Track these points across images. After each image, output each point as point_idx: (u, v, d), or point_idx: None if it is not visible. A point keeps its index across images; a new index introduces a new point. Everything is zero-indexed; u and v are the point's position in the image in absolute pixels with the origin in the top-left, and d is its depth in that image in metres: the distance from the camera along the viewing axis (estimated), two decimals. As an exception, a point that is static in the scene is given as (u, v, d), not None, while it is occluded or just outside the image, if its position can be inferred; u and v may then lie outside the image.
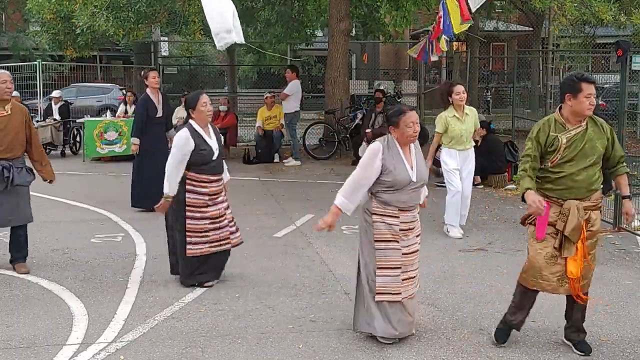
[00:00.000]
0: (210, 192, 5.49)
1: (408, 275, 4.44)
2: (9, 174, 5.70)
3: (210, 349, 4.38)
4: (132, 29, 13.40)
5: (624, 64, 7.51)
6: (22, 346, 4.41)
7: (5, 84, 5.74)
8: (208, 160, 5.43)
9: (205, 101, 5.43)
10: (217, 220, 5.53)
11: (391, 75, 26.53)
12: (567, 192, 4.12)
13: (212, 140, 5.50)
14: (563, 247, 4.13)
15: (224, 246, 5.59)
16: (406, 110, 4.46)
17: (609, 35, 20.71)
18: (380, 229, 4.39)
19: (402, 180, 4.35)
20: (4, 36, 27.87)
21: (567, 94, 4.10)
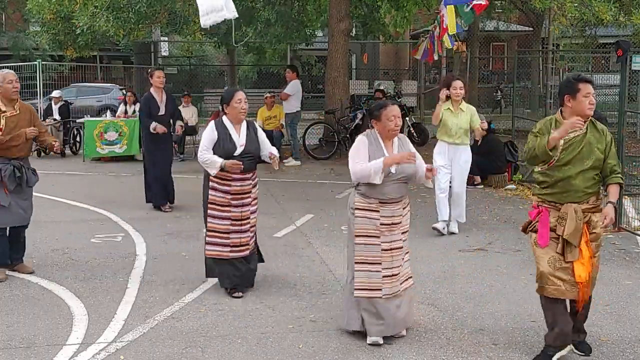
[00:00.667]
0: (233, 191, 5.28)
1: (391, 272, 4.45)
2: (20, 174, 5.67)
3: (210, 349, 4.38)
4: (133, 29, 13.41)
5: (624, 64, 7.51)
6: (22, 346, 4.41)
7: (12, 83, 5.71)
8: (229, 155, 5.22)
9: (240, 98, 5.29)
10: (238, 223, 5.32)
11: (391, 75, 26.54)
12: (565, 195, 4.11)
13: (239, 137, 5.30)
14: (566, 251, 4.11)
15: (244, 252, 5.38)
16: (388, 104, 4.54)
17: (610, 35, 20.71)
18: (361, 224, 4.45)
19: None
20: (4, 36, 27.87)
21: (566, 96, 4.10)
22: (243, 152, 5.28)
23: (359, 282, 4.43)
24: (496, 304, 5.21)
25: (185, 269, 6.12)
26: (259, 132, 5.49)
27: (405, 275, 4.60)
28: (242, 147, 5.28)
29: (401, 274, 4.54)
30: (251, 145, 5.34)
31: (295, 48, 19.00)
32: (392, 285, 4.46)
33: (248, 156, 5.31)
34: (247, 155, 5.30)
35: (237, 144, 5.27)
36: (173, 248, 6.87)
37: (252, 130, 5.43)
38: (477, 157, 10.56)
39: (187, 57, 23.36)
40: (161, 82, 8.61)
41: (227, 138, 5.27)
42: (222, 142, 5.25)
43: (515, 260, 6.46)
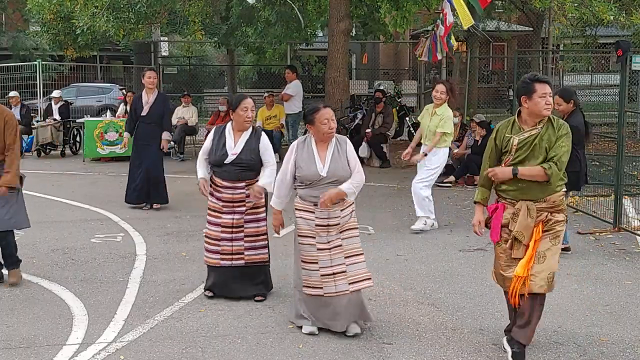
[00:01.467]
0: (224, 198, 5.19)
1: (332, 271, 4.48)
2: None
3: (210, 349, 4.38)
4: (133, 30, 13.41)
5: (624, 64, 7.50)
6: (22, 346, 4.41)
7: None
8: (220, 163, 5.18)
9: (246, 106, 5.17)
10: (229, 230, 5.21)
11: (391, 75, 26.54)
12: (520, 193, 4.15)
13: (235, 146, 5.18)
14: (514, 247, 4.16)
15: (235, 261, 5.22)
16: (320, 108, 4.58)
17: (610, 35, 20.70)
18: (300, 224, 4.59)
19: (310, 175, 4.51)
20: (4, 36, 27.86)
21: (523, 97, 4.12)
22: (234, 160, 5.16)
23: (305, 280, 4.57)
24: (496, 304, 5.21)
25: (185, 269, 6.12)
26: (262, 144, 5.26)
27: (356, 276, 4.55)
28: (234, 156, 5.16)
29: (348, 272, 4.52)
30: (246, 155, 5.18)
31: (295, 48, 18.99)
32: (336, 284, 4.48)
33: (240, 165, 5.17)
34: (240, 164, 5.16)
35: (229, 152, 5.16)
36: (173, 248, 6.87)
37: (256, 139, 5.26)
38: (477, 157, 10.59)
39: (187, 57, 23.33)
40: (151, 83, 8.59)
41: (221, 145, 5.20)
42: (215, 149, 5.22)
43: (515, 260, 6.45)
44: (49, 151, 14.34)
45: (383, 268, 6.17)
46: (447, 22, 9.85)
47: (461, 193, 9.87)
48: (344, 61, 13.82)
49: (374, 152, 12.67)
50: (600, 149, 12.98)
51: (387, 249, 6.81)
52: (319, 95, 19.62)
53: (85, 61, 19.19)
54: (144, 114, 8.60)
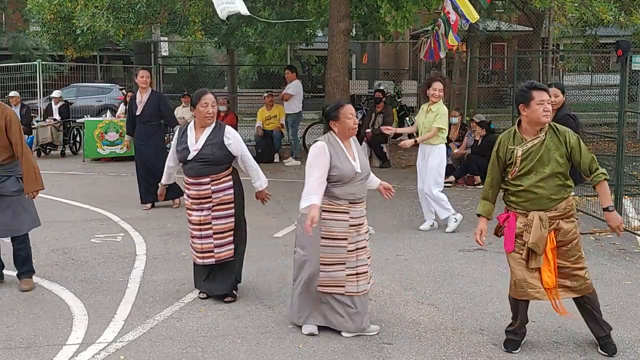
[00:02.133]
0: (191, 195, 5.18)
1: (356, 271, 4.52)
2: None
3: (210, 349, 4.38)
4: (133, 30, 13.41)
5: (624, 64, 7.51)
6: (22, 346, 4.41)
7: None
8: (184, 160, 5.18)
9: (206, 101, 5.12)
10: (197, 227, 5.17)
11: (391, 75, 26.54)
12: (529, 204, 4.13)
13: (197, 142, 5.14)
14: (530, 257, 4.14)
15: (206, 259, 5.19)
16: (344, 104, 4.61)
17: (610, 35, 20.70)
18: (330, 226, 4.47)
19: (348, 173, 4.47)
20: (4, 36, 27.88)
21: (521, 105, 4.10)
22: (196, 156, 5.12)
23: (323, 281, 4.51)
24: (496, 304, 5.21)
25: (185, 269, 6.12)
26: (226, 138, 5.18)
27: (369, 275, 4.66)
28: (196, 152, 5.13)
29: (367, 273, 4.61)
30: (207, 149, 5.11)
31: (295, 48, 18.99)
32: (358, 283, 4.52)
33: (202, 161, 5.11)
34: (202, 159, 5.10)
35: (190, 149, 5.15)
36: (173, 248, 6.87)
37: (218, 133, 5.18)
38: (477, 157, 10.61)
39: (187, 57, 23.33)
40: (144, 82, 8.63)
41: (184, 142, 5.20)
42: (179, 147, 5.23)
43: (515, 260, 6.45)
44: (49, 151, 14.35)
45: (383, 268, 6.17)
46: (450, 20, 9.82)
47: (461, 193, 9.87)
48: (344, 61, 13.80)
49: (374, 152, 12.67)
50: (600, 149, 12.98)
51: (387, 249, 6.81)
52: (319, 95, 19.62)
53: (85, 61, 19.20)
54: (138, 114, 8.66)
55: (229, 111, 14.09)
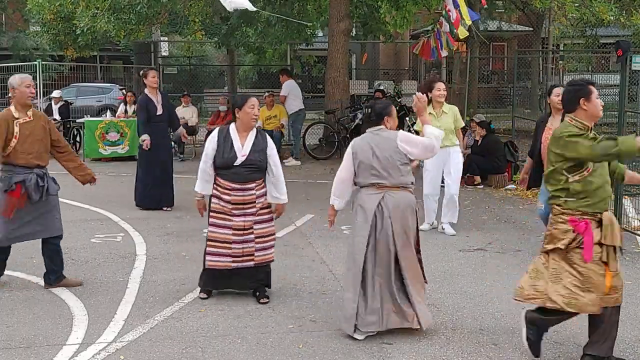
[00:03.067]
0: (234, 200, 5.06)
1: None
2: (44, 183, 5.36)
3: (210, 349, 4.38)
4: (133, 30, 13.41)
5: (624, 64, 7.50)
6: (22, 346, 4.41)
7: (29, 88, 5.41)
8: (229, 165, 5.04)
9: (253, 104, 5.09)
10: (240, 233, 5.10)
11: (391, 75, 26.55)
12: (603, 203, 3.99)
13: (242, 147, 5.06)
14: (610, 259, 3.97)
15: (246, 262, 5.16)
16: (391, 104, 4.73)
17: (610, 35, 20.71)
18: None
19: None
20: (4, 36, 27.88)
21: (582, 99, 4.00)
22: (244, 162, 5.05)
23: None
24: (496, 304, 5.21)
25: (185, 269, 6.12)
26: (269, 144, 5.20)
27: None
28: (244, 157, 5.05)
29: None
30: (254, 156, 5.09)
31: (295, 48, 19.00)
32: None
33: (250, 167, 5.07)
34: (249, 166, 5.06)
35: (238, 154, 5.05)
36: (173, 248, 6.87)
37: (262, 139, 5.18)
38: (477, 157, 10.61)
39: (187, 57, 23.33)
40: (155, 82, 8.63)
41: (228, 147, 5.07)
42: (222, 152, 5.07)
43: (515, 260, 6.45)
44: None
45: (383, 268, 6.16)
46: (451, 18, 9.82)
47: (461, 193, 9.82)
48: (344, 61, 13.82)
49: (374, 152, 12.65)
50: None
51: (387, 249, 6.80)
52: (319, 95, 19.63)
53: (85, 61, 19.21)
54: (160, 113, 8.60)
55: (229, 111, 14.08)
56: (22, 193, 5.29)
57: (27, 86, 5.40)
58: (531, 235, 7.35)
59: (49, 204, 5.48)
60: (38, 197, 5.34)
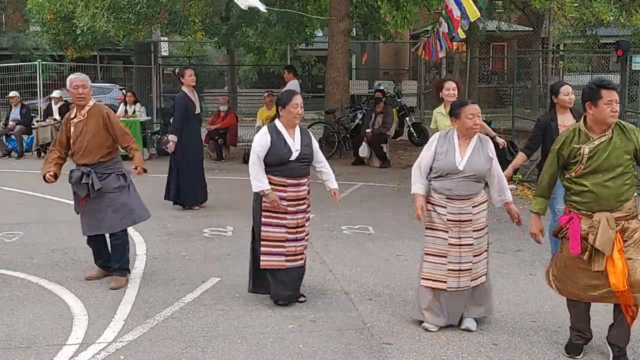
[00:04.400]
0: (288, 197, 5.01)
1: (459, 267, 4.55)
2: (88, 180, 5.41)
3: (210, 349, 4.38)
4: (133, 30, 13.40)
5: (624, 64, 7.52)
6: (22, 346, 4.41)
7: (77, 89, 5.44)
8: (284, 161, 4.99)
9: (297, 102, 5.06)
10: (294, 231, 5.06)
11: (391, 75, 26.54)
12: (595, 204, 3.97)
13: (294, 142, 5.06)
14: (593, 260, 3.99)
15: (299, 261, 5.13)
16: (468, 102, 4.65)
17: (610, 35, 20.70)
18: (432, 217, 4.62)
19: (447, 166, 4.54)
20: (4, 36, 27.88)
21: (588, 103, 3.96)
22: (298, 156, 5.03)
23: (426, 272, 4.64)
24: (496, 304, 5.21)
25: (185, 269, 6.13)
26: (312, 138, 5.23)
27: (478, 272, 4.66)
28: (298, 152, 5.03)
29: (473, 271, 4.61)
30: (306, 149, 5.10)
31: (295, 48, 18.99)
32: (460, 280, 4.57)
33: (303, 161, 5.07)
34: (302, 160, 5.06)
35: (292, 149, 5.02)
36: (173, 248, 6.87)
37: (306, 134, 5.21)
38: (477, 157, 10.59)
39: (187, 57, 23.32)
40: (193, 81, 8.59)
41: (282, 143, 5.01)
42: (276, 148, 5.00)
43: (515, 260, 6.45)
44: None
45: (383, 268, 6.17)
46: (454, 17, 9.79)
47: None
48: (344, 61, 13.83)
49: (374, 152, 12.67)
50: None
51: (387, 249, 6.81)
52: (319, 95, 19.62)
53: (85, 61, 19.18)
54: (198, 112, 8.64)
55: (229, 111, 14.09)
56: None
57: (75, 87, 5.47)
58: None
59: (102, 201, 5.54)
60: (84, 193, 5.46)
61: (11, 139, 14.37)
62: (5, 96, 15.07)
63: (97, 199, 5.51)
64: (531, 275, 5.98)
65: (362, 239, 7.23)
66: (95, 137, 5.49)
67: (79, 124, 5.50)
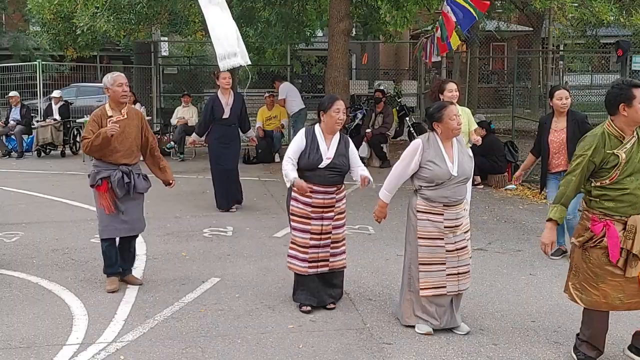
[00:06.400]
0: (314, 203, 4.95)
1: (457, 271, 4.56)
2: (129, 180, 5.42)
3: (210, 349, 4.38)
4: (133, 30, 13.40)
5: (624, 64, 7.53)
6: (22, 346, 4.41)
7: (122, 87, 5.41)
8: (313, 166, 4.92)
9: (338, 107, 4.95)
10: (317, 237, 4.99)
11: (391, 75, 26.52)
12: (631, 208, 3.86)
13: (328, 150, 4.96)
14: (628, 266, 3.87)
15: (321, 268, 5.05)
16: (448, 105, 4.61)
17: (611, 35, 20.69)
18: (425, 227, 4.53)
19: (442, 174, 4.46)
20: (4, 36, 27.87)
21: (621, 105, 3.84)
22: (329, 165, 4.94)
23: (424, 282, 4.55)
24: (496, 304, 5.21)
25: (185, 269, 6.13)
26: (350, 147, 5.12)
27: (468, 274, 4.69)
28: (329, 160, 4.94)
29: (469, 273, 4.66)
30: (339, 159, 4.98)
31: (295, 48, 18.99)
32: (459, 282, 4.59)
33: (334, 170, 4.97)
34: (333, 169, 4.97)
35: (323, 156, 4.94)
36: (173, 248, 6.87)
37: (344, 143, 5.08)
38: (477, 157, 10.58)
39: (187, 57, 23.30)
40: (227, 83, 8.39)
41: (315, 148, 4.95)
42: (308, 152, 4.95)
43: (515, 260, 6.45)
44: (49, 151, 14.35)
45: (383, 268, 6.17)
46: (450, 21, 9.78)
47: (461, 193, 9.87)
48: (344, 61, 13.82)
49: (374, 152, 12.68)
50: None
51: (387, 249, 6.81)
52: (319, 95, 19.63)
53: (85, 61, 19.17)
54: (227, 117, 8.40)
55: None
56: (108, 188, 5.41)
57: (119, 85, 5.44)
58: (531, 235, 7.35)
59: (135, 201, 5.58)
60: (123, 193, 5.43)
61: (11, 139, 14.38)
62: (5, 96, 15.07)
63: (131, 200, 5.52)
64: (531, 275, 5.98)
65: (362, 239, 7.23)
66: (135, 139, 5.54)
67: (119, 123, 5.42)
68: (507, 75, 26.69)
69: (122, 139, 5.45)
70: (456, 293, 4.61)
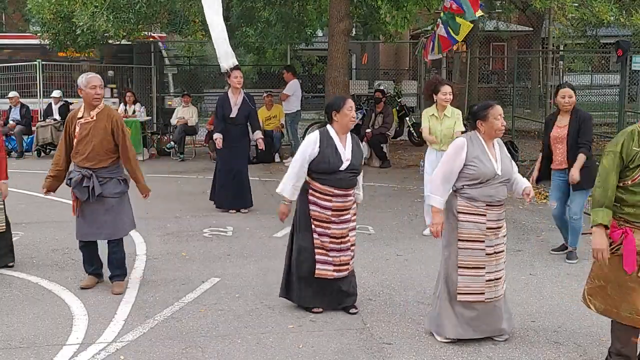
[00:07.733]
0: (334, 207, 4.86)
1: (495, 276, 4.41)
2: (89, 184, 5.27)
3: (210, 349, 4.38)
4: (133, 30, 13.40)
5: (624, 64, 7.52)
6: (22, 346, 4.41)
7: (95, 89, 5.28)
8: (334, 170, 4.81)
9: (351, 105, 4.85)
10: (338, 241, 4.91)
11: (391, 75, 26.51)
12: None
13: (345, 151, 4.87)
14: None
15: (343, 272, 4.96)
16: (494, 104, 4.54)
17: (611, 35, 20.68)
18: (467, 228, 4.37)
19: (487, 173, 4.35)
20: (4, 36, 27.84)
21: None
22: (348, 167, 4.85)
23: (463, 286, 4.39)
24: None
25: (185, 269, 6.13)
26: (360, 147, 5.07)
27: (504, 278, 4.54)
28: (348, 162, 4.85)
29: (502, 278, 4.49)
30: (356, 160, 4.92)
31: (295, 48, 18.99)
32: (496, 288, 4.43)
33: (353, 172, 4.90)
34: (352, 170, 4.89)
35: (343, 158, 4.84)
36: (173, 248, 6.87)
37: (355, 142, 5.00)
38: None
39: (187, 57, 23.30)
40: (238, 82, 8.34)
41: (333, 151, 4.83)
42: (327, 156, 4.81)
43: (515, 260, 6.45)
44: (49, 151, 14.34)
45: (383, 268, 6.17)
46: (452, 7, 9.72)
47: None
48: (344, 61, 13.81)
49: (374, 152, 12.67)
50: (600, 148, 12.96)
51: (387, 249, 6.81)
52: (319, 95, 19.65)
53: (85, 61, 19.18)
54: (233, 116, 8.36)
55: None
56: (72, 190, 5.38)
57: (92, 87, 5.31)
58: (531, 235, 7.35)
59: (103, 206, 5.39)
60: (84, 197, 5.31)
61: (11, 139, 14.37)
62: (5, 96, 15.06)
63: (96, 203, 5.35)
64: (531, 275, 5.98)
65: (362, 239, 7.22)
66: (102, 142, 5.31)
67: (85, 125, 5.32)
68: (507, 75, 26.66)
69: (85, 142, 5.30)
70: (493, 300, 4.42)
